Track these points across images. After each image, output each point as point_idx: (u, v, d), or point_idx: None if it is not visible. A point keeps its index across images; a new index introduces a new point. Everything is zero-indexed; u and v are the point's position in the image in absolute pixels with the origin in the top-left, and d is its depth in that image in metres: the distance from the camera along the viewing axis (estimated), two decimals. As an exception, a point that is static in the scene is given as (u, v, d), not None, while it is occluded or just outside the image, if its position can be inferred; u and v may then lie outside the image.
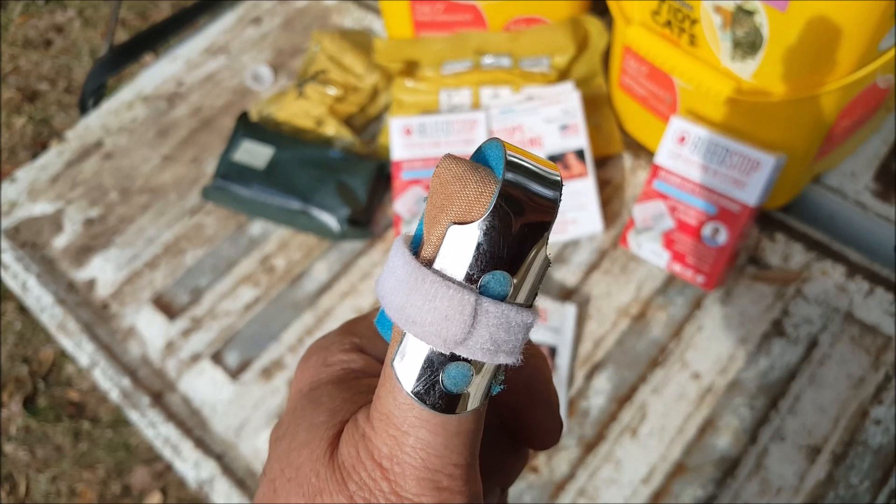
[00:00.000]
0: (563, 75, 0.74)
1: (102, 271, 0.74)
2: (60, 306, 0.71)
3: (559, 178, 0.18)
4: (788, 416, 0.59)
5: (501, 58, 0.74)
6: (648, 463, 0.58)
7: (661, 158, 0.64)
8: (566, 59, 0.74)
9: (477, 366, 0.18)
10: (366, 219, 0.71)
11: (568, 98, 0.69)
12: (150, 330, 0.70)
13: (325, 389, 0.22)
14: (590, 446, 0.60)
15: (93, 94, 0.87)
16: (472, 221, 0.17)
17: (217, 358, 0.67)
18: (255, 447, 0.63)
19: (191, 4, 0.91)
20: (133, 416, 0.65)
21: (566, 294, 0.66)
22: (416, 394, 0.18)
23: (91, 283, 0.73)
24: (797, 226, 0.67)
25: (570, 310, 0.64)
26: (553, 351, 0.62)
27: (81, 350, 0.68)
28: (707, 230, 0.62)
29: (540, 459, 0.60)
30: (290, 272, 0.71)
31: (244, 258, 0.72)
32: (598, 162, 0.72)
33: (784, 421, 0.59)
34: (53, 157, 0.82)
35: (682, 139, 0.63)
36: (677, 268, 0.64)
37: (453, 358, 0.17)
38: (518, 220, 0.17)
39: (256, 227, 0.74)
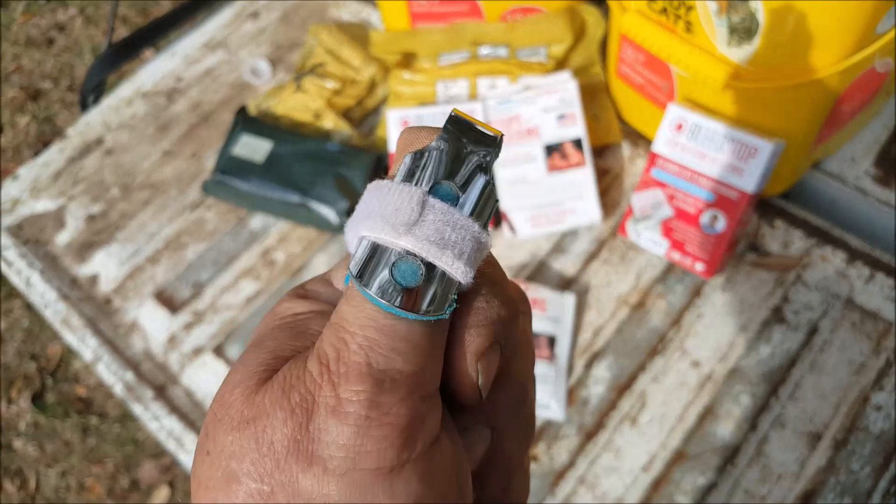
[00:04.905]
0: (560, 65, 0.74)
1: (105, 267, 0.74)
2: (64, 302, 0.71)
3: (498, 132, 0.21)
4: (789, 402, 0.59)
5: (498, 48, 0.74)
6: (648, 451, 0.58)
7: (658, 146, 0.64)
8: (563, 49, 0.73)
9: (428, 268, 0.19)
10: (365, 211, 0.71)
11: (565, 87, 0.69)
12: (152, 324, 0.70)
13: (270, 335, 0.21)
14: (590, 435, 0.60)
15: (93, 90, 0.87)
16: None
17: (219, 351, 0.68)
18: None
19: (189, 0, 0.91)
20: (137, 409, 0.65)
21: (565, 283, 0.66)
22: (366, 286, 0.18)
23: (94, 279, 0.74)
24: (797, 212, 0.67)
25: (569, 299, 0.64)
26: (552, 340, 0.62)
27: (85, 345, 0.69)
28: (706, 218, 0.62)
29: (540, 448, 0.60)
30: (290, 265, 0.71)
31: (245, 252, 0.73)
32: (597, 151, 0.72)
33: (784, 408, 0.59)
34: (55, 154, 0.83)
35: (680, 127, 0.63)
36: (676, 256, 0.64)
37: (405, 256, 0.19)
38: (461, 145, 0.20)
39: (256, 220, 0.74)
